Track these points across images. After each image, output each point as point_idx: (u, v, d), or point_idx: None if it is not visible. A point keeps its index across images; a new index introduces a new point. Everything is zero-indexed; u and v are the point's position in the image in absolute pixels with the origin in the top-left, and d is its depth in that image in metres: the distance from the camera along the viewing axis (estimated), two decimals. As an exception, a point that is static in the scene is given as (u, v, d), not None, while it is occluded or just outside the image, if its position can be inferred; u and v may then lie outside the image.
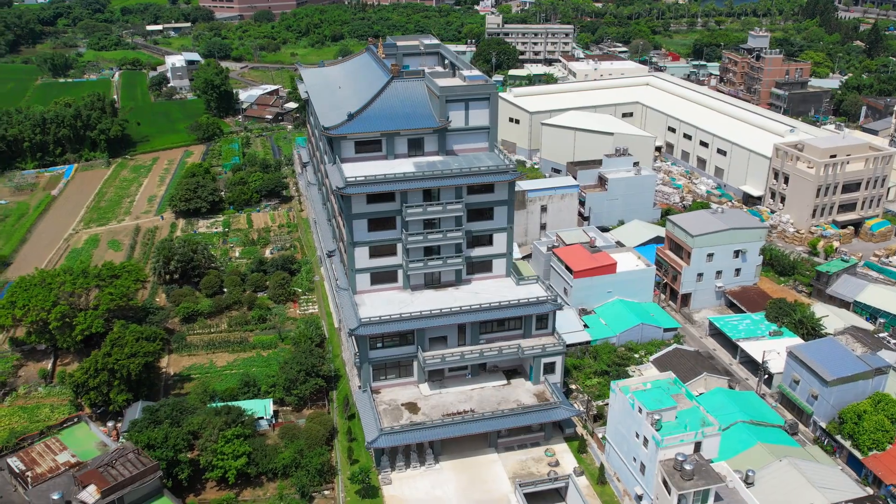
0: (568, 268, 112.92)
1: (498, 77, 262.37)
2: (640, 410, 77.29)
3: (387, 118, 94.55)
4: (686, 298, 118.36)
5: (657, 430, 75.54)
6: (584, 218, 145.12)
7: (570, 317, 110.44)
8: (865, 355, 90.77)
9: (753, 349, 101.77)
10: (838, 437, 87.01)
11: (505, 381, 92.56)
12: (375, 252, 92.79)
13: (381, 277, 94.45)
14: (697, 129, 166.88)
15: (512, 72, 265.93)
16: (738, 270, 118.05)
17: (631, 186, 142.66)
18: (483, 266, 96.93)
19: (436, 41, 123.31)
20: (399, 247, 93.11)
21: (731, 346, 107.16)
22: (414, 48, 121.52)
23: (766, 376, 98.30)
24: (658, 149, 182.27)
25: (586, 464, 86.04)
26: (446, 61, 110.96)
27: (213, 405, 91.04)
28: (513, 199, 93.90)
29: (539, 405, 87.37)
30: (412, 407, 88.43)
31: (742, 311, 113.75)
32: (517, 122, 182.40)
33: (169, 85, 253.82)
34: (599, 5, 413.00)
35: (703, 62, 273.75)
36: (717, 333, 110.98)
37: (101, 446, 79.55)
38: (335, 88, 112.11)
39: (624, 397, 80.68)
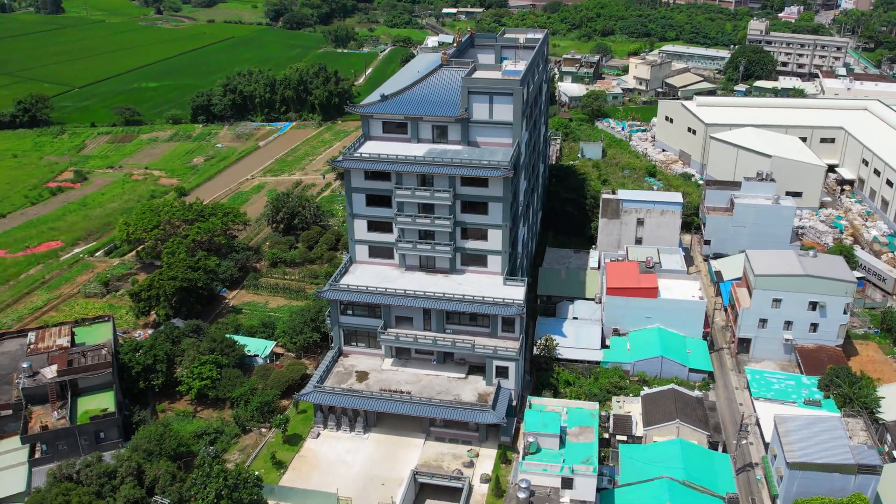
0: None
1: (741, 87, 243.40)
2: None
3: (417, 103, 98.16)
4: (746, 344, 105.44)
5: (528, 453, 72.32)
6: (705, 242, 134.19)
7: (592, 333, 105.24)
8: (859, 447, 75.70)
9: (764, 411, 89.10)
10: (784, 528, 74.54)
11: (463, 376, 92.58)
12: (373, 226, 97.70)
13: (379, 252, 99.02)
14: (886, 165, 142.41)
15: (759, 83, 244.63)
16: (814, 326, 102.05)
17: (762, 215, 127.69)
18: (478, 259, 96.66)
19: (539, 36, 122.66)
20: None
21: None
22: (513, 41, 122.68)
23: (749, 442, 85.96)
24: (850, 183, 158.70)
25: (501, 473, 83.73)
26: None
27: (228, 336, 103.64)
28: (508, 197, 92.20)
29: (470, 404, 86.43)
30: (363, 375, 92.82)
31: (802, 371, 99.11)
32: (694, 132, 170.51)
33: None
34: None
35: None
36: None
37: (107, 342, 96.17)
38: (415, 72, 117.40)
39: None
